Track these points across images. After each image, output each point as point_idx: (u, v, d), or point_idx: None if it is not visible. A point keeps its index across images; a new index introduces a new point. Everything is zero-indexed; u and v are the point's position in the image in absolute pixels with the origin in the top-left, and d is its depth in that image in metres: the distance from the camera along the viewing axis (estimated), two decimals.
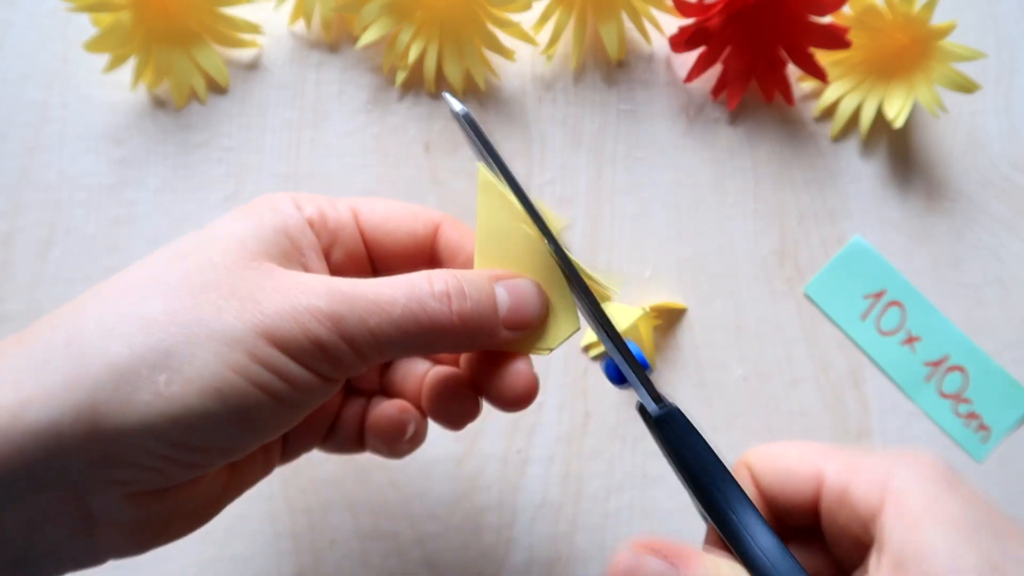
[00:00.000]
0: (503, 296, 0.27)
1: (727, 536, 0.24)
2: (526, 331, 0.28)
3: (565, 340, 0.28)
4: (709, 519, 0.25)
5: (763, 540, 0.24)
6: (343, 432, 0.32)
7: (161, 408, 0.23)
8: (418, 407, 0.31)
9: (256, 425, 0.25)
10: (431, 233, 0.30)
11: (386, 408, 0.31)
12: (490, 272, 0.27)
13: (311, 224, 0.28)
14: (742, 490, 0.25)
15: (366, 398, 0.32)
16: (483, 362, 0.28)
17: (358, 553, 0.39)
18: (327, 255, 0.28)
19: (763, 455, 0.26)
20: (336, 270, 0.29)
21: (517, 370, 0.28)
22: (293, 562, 0.39)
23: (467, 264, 0.29)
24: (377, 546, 0.39)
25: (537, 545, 0.39)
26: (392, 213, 0.30)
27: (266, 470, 0.30)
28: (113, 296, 0.24)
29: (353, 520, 0.39)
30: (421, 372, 0.31)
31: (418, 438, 0.31)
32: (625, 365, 0.27)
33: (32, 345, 0.23)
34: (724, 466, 0.25)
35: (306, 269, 0.27)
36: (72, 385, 0.22)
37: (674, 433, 0.26)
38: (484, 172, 0.28)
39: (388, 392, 0.32)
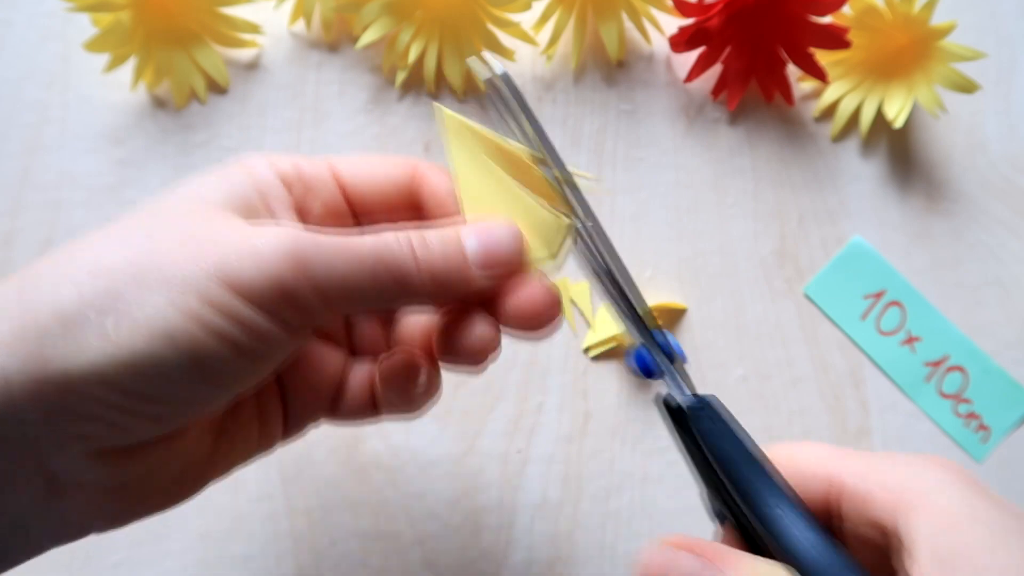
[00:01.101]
0: (472, 242, 0.26)
1: (768, 529, 0.23)
2: (505, 270, 0.26)
3: (561, 246, 0.27)
4: (748, 516, 0.24)
5: (809, 534, 0.22)
6: (352, 398, 0.30)
7: (110, 352, 0.22)
8: (429, 357, 0.29)
9: (215, 376, 0.23)
10: (410, 177, 0.28)
11: (394, 358, 0.29)
12: (456, 226, 0.26)
13: (285, 180, 0.27)
14: (784, 483, 0.24)
15: (372, 359, 0.30)
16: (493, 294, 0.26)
17: (358, 553, 0.39)
18: (304, 208, 0.27)
19: (777, 455, 0.25)
20: (315, 224, 0.28)
21: (532, 286, 0.26)
22: (293, 562, 0.39)
23: (445, 211, 0.28)
24: (377, 546, 0.39)
25: (537, 545, 0.39)
26: (369, 161, 0.29)
27: (264, 443, 0.29)
28: (71, 250, 0.24)
29: (353, 520, 0.39)
30: (427, 324, 0.30)
31: (432, 387, 0.29)
32: (659, 353, 0.25)
33: None
34: (764, 457, 0.24)
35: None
36: (20, 333, 0.22)
37: (710, 422, 0.24)
38: (445, 111, 0.27)
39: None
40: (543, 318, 0.26)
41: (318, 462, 0.40)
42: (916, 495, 0.22)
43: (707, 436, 0.24)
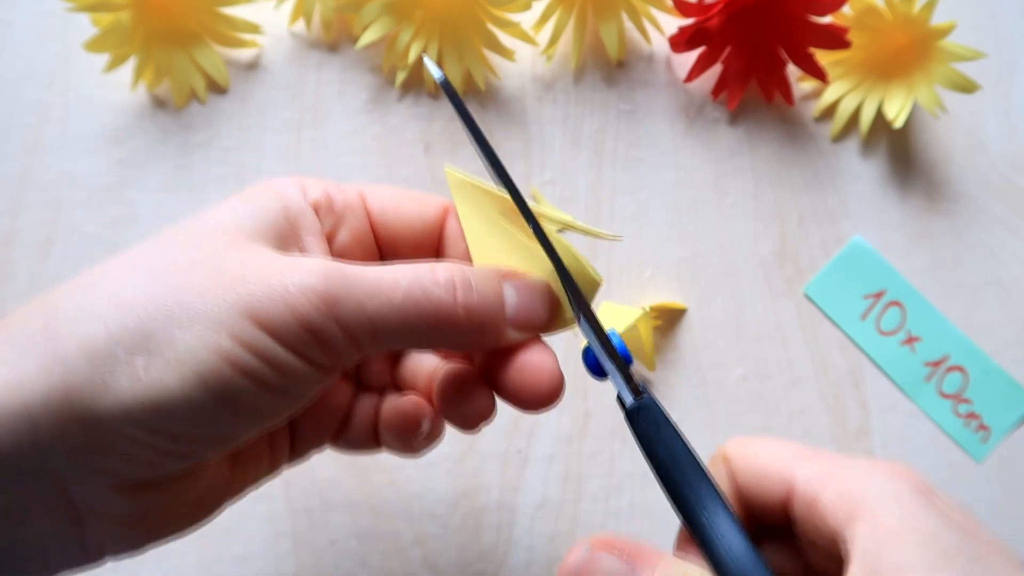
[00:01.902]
0: (511, 295, 0.25)
1: (696, 535, 0.23)
2: (534, 332, 0.26)
3: (565, 327, 0.27)
4: (679, 517, 0.24)
5: (733, 542, 0.23)
6: (356, 430, 0.30)
7: (140, 394, 0.21)
8: (431, 402, 0.29)
9: (243, 414, 0.23)
10: (440, 216, 0.28)
11: (399, 404, 0.29)
12: (498, 270, 0.26)
13: (316, 207, 0.26)
14: (715, 487, 0.24)
15: (378, 394, 0.30)
16: (498, 355, 0.26)
17: (358, 553, 0.39)
18: (332, 238, 0.27)
19: (740, 450, 0.25)
20: (342, 253, 0.27)
21: (539, 363, 0.26)
22: (293, 562, 0.39)
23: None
24: (377, 546, 0.39)
25: (537, 545, 0.39)
26: (401, 197, 0.28)
27: (272, 468, 0.29)
28: (95, 280, 0.23)
29: (353, 520, 0.39)
30: (432, 367, 0.30)
31: (434, 434, 0.30)
32: (603, 354, 0.26)
33: (11, 332, 0.23)
34: (698, 462, 0.24)
35: (303, 253, 0.26)
36: (46, 369, 0.21)
37: (647, 425, 0.24)
38: (452, 172, 0.27)
39: (401, 387, 0.30)
40: (548, 400, 0.26)
41: (318, 462, 0.40)
42: (860, 505, 0.21)
43: (643, 438, 0.25)
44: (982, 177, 0.44)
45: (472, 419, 0.27)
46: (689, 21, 0.42)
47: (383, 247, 0.28)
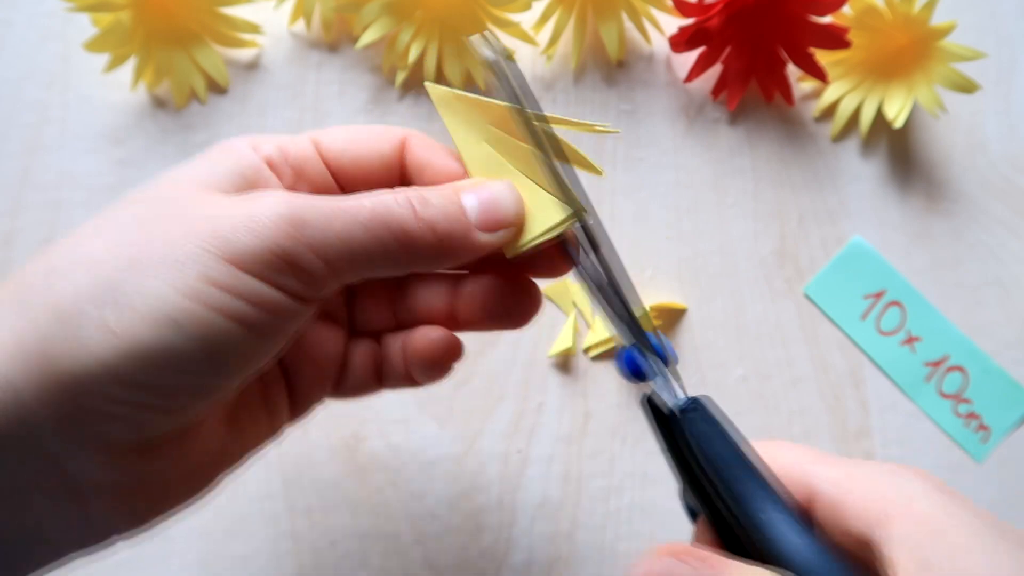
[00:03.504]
0: (471, 200, 0.25)
1: (763, 537, 0.23)
2: (505, 231, 0.26)
3: (553, 229, 0.26)
4: (739, 520, 0.23)
5: (801, 539, 0.22)
6: (355, 376, 0.30)
7: (114, 345, 0.21)
8: (450, 326, 0.29)
9: (224, 357, 0.23)
10: (398, 151, 0.28)
11: (430, 335, 0.28)
12: (454, 184, 0.26)
13: (271, 164, 0.26)
14: (779, 485, 0.23)
15: (374, 337, 0.30)
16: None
17: (358, 553, 0.39)
18: (292, 191, 0.26)
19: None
20: None
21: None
22: (293, 562, 0.39)
23: (437, 179, 0.27)
24: (377, 546, 0.39)
25: (537, 545, 0.39)
26: (355, 137, 0.28)
27: (272, 428, 0.28)
28: (63, 246, 0.23)
29: (353, 520, 0.39)
30: (446, 290, 0.29)
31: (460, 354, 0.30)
32: (654, 355, 0.25)
33: None
34: (758, 458, 0.24)
35: None
36: (19, 336, 0.21)
37: (702, 425, 0.24)
38: (435, 88, 0.27)
39: (407, 325, 0.30)
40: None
41: (318, 462, 0.40)
42: (893, 504, 0.21)
43: (699, 438, 0.24)
44: (982, 177, 0.44)
45: (522, 315, 0.28)
46: (689, 21, 0.42)
47: (346, 189, 0.28)
